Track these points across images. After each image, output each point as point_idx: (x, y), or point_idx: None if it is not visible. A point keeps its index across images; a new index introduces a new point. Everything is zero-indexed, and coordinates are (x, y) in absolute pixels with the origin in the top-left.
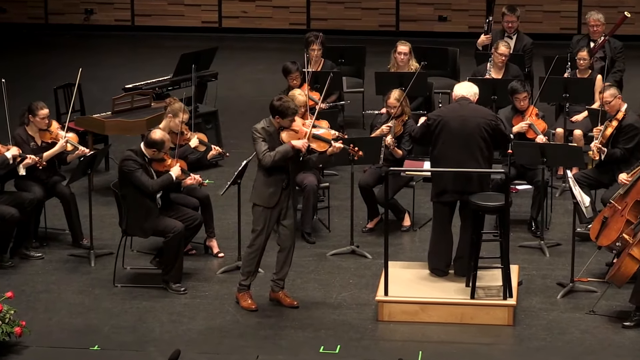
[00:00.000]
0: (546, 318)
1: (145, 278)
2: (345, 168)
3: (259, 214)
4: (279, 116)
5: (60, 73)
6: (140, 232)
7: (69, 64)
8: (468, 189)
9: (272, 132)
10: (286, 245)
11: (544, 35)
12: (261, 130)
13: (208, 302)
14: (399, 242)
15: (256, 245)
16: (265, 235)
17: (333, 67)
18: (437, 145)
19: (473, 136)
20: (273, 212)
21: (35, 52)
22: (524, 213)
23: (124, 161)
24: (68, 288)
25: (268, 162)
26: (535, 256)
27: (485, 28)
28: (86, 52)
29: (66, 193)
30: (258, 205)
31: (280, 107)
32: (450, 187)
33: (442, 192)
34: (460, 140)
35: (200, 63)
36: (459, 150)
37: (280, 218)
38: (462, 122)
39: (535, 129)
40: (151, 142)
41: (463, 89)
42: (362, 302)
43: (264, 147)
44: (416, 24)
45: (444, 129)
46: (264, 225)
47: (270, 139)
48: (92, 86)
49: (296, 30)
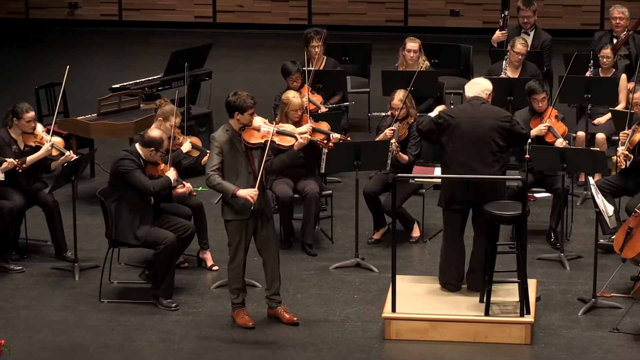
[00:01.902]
0: (566, 337)
1: (133, 293)
2: (350, 174)
3: (233, 229)
4: (238, 112)
5: (42, 72)
6: (132, 240)
7: (52, 62)
8: (481, 197)
9: (232, 136)
10: (269, 258)
11: (564, 31)
12: (219, 139)
13: (201, 319)
14: (408, 254)
15: (236, 262)
16: (243, 249)
17: (336, 65)
18: (447, 148)
19: (485, 140)
20: (248, 225)
21: (15, 49)
22: (543, 223)
23: (120, 161)
24: (50, 304)
25: (209, 183)
26: (554, 270)
27: (500, 23)
28: (70, 49)
29: (49, 201)
30: (230, 221)
31: (237, 102)
32: (461, 194)
33: (452, 200)
34: (472, 144)
35: (193, 61)
36: (471, 154)
37: (258, 229)
38: (475, 124)
39: (554, 132)
40: (149, 141)
41: (475, 87)
42: (368, 319)
43: (215, 162)
44: (426, 19)
45: (454, 131)
46: (240, 238)
47: (231, 146)
48: (76, 86)
49: (296, 26)
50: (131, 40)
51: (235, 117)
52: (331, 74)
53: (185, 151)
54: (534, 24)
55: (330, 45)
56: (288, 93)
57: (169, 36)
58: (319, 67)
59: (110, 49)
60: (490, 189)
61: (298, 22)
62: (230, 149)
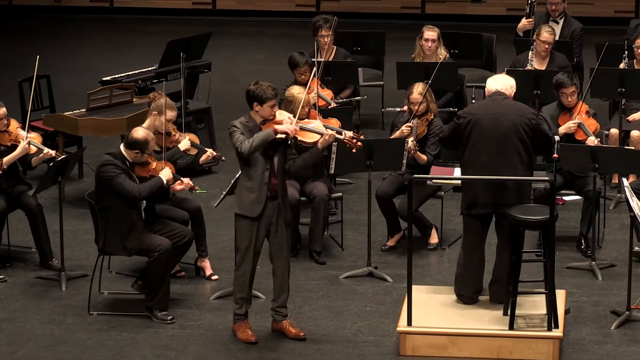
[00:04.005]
0: (598, 352)
1: (125, 305)
2: (361, 175)
3: (243, 229)
4: (257, 102)
5: (26, 63)
6: (122, 251)
7: (37, 52)
8: (504, 200)
9: (252, 128)
10: (280, 267)
11: (595, 19)
12: (239, 125)
13: (199, 333)
14: (425, 262)
15: (243, 268)
16: (252, 254)
17: (347, 56)
18: (466, 148)
19: (509, 137)
20: (260, 227)
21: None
22: (572, 228)
23: (102, 167)
24: (35, 316)
25: (246, 149)
26: (585, 279)
27: (526, 10)
28: (57, 38)
29: (32, 205)
30: (241, 217)
31: (257, 91)
32: (483, 197)
33: (473, 204)
34: (494, 142)
35: (191, 52)
36: (493, 153)
37: (272, 233)
38: (496, 120)
39: (585, 129)
40: (132, 142)
41: (497, 82)
42: (382, 334)
43: (241, 137)
44: (445, 5)
45: (474, 129)
46: (250, 242)
47: (250, 136)
48: (63, 78)
49: (304, 13)
50: (123, 28)
51: (254, 109)
52: (341, 66)
53: (183, 149)
54: (563, 12)
55: (341, 34)
56: (292, 89)
57: (164, 24)
58: (328, 58)
59: (101, 38)
60: (515, 192)
61: (305, 9)
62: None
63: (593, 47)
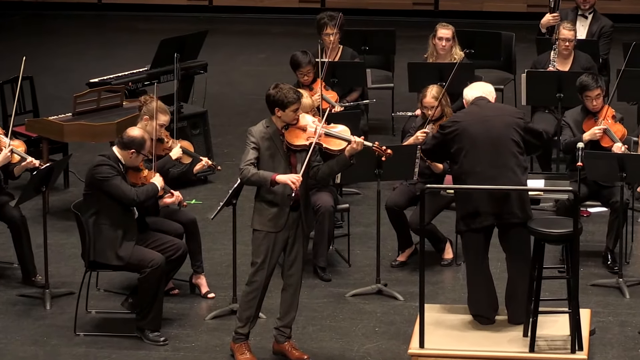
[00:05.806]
0: None
1: (114, 325)
2: (370, 185)
3: (260, 242)
4: (278, 107)
5: (7, 64)
6: (114, 260)
7: (19, 52)
8: (507, 209)
9: (273, 134)
10: (292, 283)
11: (623, 16)
12: (256, 134)
13: (194, 355)
14: (438, 279)
15: (257, 283)
16: (267, 270)
17: (354, 56)
18: (458, 160)
19: (503, 139)
20: (277, 239)
21: None
22: (598, 243)
23: (96, 167)
24: (17, 337)
25: (243, 177)
26: (611, 298)
27: (551, 5)
28: (40, 36)
29: (16, 216)
30: (259, 231)
31: (278, 96)
32: (484, 207)
33: (474, 216)
34: (488, 147)
35: (186, 51)
36: (489, 160)
37: (288, 246)
38: (486, 124)
39: (611, 135)
40: (128, 141)
41: (475, 90)
42: (391, 356)
43: (250, 157)
44: (460, 1)
45: (464, 137)
46: (266, 256)
47: (270, 144)
48: (47, 80)
49: (308, 10)
50: (113, 26)
51: (276, 114)
52: (348, 67)
53: (174, 157)
54: (593, 5)
55: (348, 33)
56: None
57: (157, 22)
58: (333, 58)
59: (88, 37)
60: (517, 199)
61: (309, 6)
62: (269, 147)
63: (620, 46)
